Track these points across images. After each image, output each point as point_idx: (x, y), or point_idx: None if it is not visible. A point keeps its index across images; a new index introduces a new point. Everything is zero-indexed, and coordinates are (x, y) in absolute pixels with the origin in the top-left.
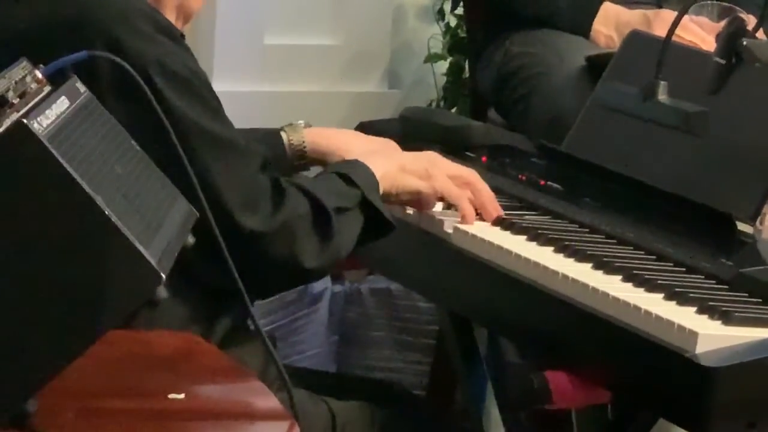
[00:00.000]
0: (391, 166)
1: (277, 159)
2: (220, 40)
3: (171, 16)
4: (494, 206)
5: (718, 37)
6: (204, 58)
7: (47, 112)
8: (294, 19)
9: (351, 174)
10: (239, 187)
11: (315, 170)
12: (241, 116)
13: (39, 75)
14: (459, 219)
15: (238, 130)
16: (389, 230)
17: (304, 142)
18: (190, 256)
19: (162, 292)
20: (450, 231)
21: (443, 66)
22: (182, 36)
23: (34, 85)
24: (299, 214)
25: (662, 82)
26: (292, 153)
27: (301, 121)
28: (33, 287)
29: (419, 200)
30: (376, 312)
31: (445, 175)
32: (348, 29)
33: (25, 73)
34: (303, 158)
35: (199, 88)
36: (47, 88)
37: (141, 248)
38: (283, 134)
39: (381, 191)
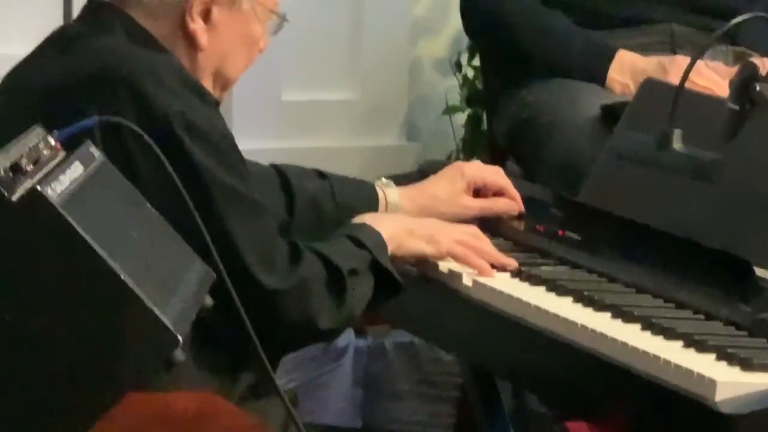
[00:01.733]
0: (398, 229)
1: (370, 203)
2: (238, 97)
3: (208, 83)
4: (501, 261)
5: (731, 82)
6: (222, 115)
7: (61, 177)
8: (311, 74)
9: (360, 236)
10: (258, 245)
11: None
12: None
13: (52, 141)
14: (477, 273)
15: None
16: (399, 290)
17: (399, 202)
18: (208, 315)
19: (179, 354)
20: (469, 284)
21: (461, 117)
22: (217, 103)
23: (47, 152)
24: (315, 275)
25: (676, 130)
26: (386, 206)
27: (386, 179)
28: (51, 351)
29: (425, 263)
30: (400, 366)
31: (450, 239)
32: (365, 83)
33: (39, 140)
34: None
35: (223, 146)
36: (61, 154)
37: (157, 311)
38: (379, 190)
39: (389, 251)
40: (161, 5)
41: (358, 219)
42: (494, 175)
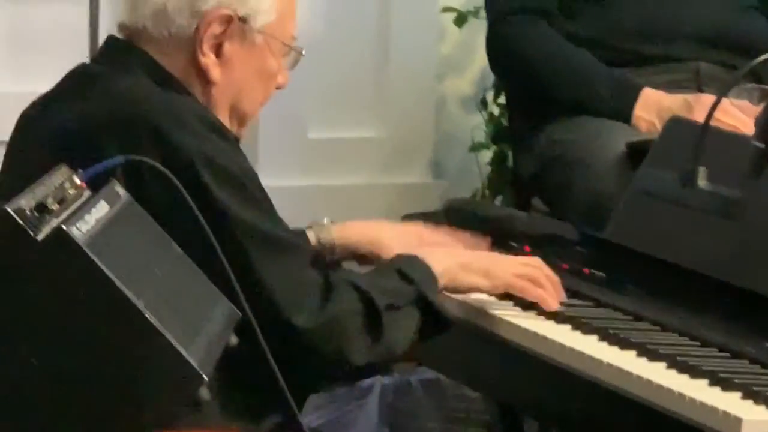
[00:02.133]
0: (452, 262)
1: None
2: (264, 135)
3: (224, 117)
4: (557, 296)
5: (757, 120)
6: (248, 153)
7: (86, 217)
8: (337, 112)
9: (407, 270)
10: (286, 284)
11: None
12: (286, 211)
13: (77, 181)
14: (504, 311)
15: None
16: (448, 326)
17: (333, 239)
18: (234, 355)
19: (204, 393)
20: (495, 323)
21: (487, 155)
22: (237, 140)
23: (72, 191)
24: (349, 310)
25: (701, 168)
26: (322, 251)
27: (325, 219)
28: (76, 390)
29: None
30: (427, 403)
31: (507, 273)
32: (391, 121)
33: (64, 179)
34: (332, 254)
35: (247, 185)
36: (87, 193)
37: (182, 350)
38: (309, 233)
39: (442, 286)
40: (173, 41)
41: (413, 251)
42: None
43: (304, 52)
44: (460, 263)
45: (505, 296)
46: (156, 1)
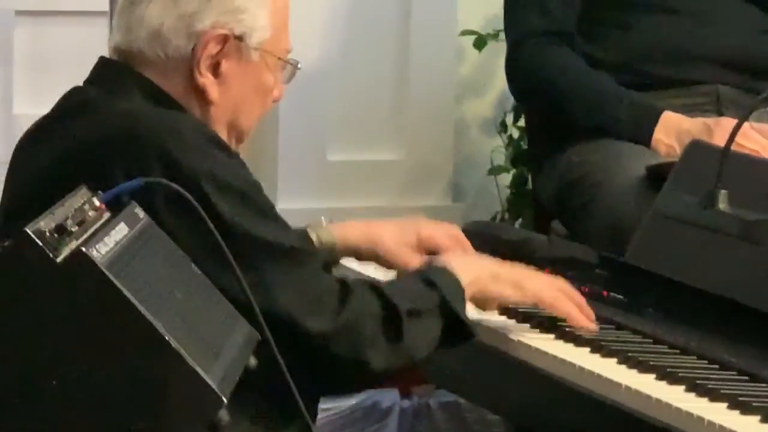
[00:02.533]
0: (482, 273)
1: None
2: (283, 157)
3: (222, 135)
4: (586, 318)
5: None
6: (268, 175)
7: (106, 239)
8: (356, 134)
9: (433, 277)
10: (300, 292)
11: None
12: None
13: (97, 202)
14: (523, 334)
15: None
16: (470, 336)
17: (334, 241)
18: (251, 374)
19: (224, 415)
20: (514, 345)
21: (506, 178)
22: (237, 154)
23: (92, 213)
24: (367, 313)
25: (722, 191)
26: (322, 250)
27: (322, 218)
28: (96, 411)
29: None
30: (445, 426)
31: (537, 285)
32: (410, 143)
33: (84, 201)
34: (332, 253)
35: (253, 198)
36: (106, 215)
37: (202, 372)
38: (310, 232)
39: (470, 295)
40: (169, 62)
41: (443, 260)
42: (449, 239)
43: (300, 66)
44: (490, 274)
45: (524, 319)
46: (151, 23)
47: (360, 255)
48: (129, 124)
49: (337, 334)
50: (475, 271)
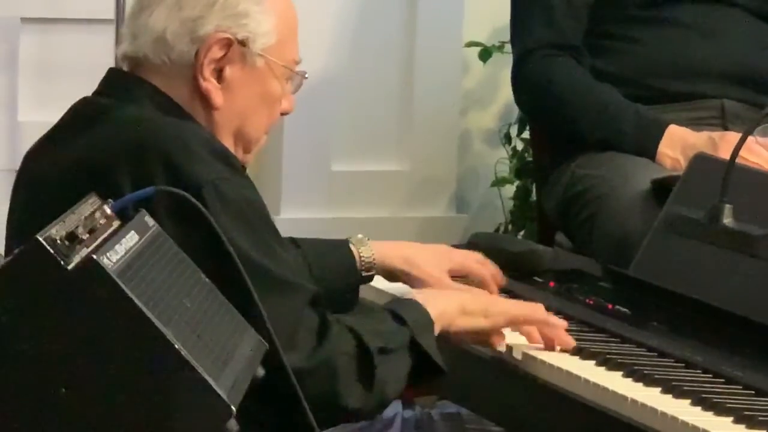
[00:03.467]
0: (450, 306)
1: (347, 270)
2: (287, 167)
3: (229, 143)
4: (563, 340)
5: None
6: (272, 185)
7: (116, 247)
8: (360, 145)
9: (403, 314)
10: (280, 324)
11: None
12: None
13: (108, 210)
14: (527, 345)
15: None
16: (440, 373)
17: (373, 255)
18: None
19: (233, 425)
20: (519, 357)
21: (510, 190)
22: (243, 168)
23: (103, 221)
24: (342, 352)
25: (727, 206)
26: (362, 265)
27: (360, 235)
28: (105, 420)
29: (483, 339)
30: None
31: (506, 313)
32: (414, 155)
33: (94, 209)
34: (370, 270)
35: (252, 218)
36: (116, 223)
37: (211, 381)
38: (353, 248)
39: (438, 329)
40: (174, 67)
41: (414, 293)
42: (479, 268)
43: (307, 76)
44: (458, 306)
45: None
46: (155, 29)
47: (393, 274)
48: (136, 133)
49: (313, 371)
50: (442, 304)
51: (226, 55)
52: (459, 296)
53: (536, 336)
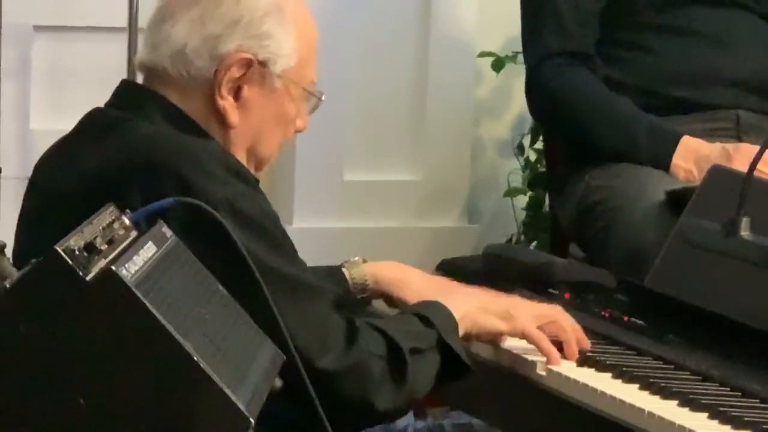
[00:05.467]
0: (472, 306)
1: (342, 295)
2: (299, 176)
3: (242, 160)
4: (579, 344)
5: None
6: (284, 195)
7: (135, 258)
8: (373, 155)
9: (429, 315)
10: (311, 328)
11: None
12: (321, 253)
13: (126, 221)
14: (541, 356)
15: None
16: (466, 372)
17: (365, 277)
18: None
19: None
20: (542, 373)
21: (523, 200)
22: (256, 181)
23: (121, 232)
24: (373, 354)
25: (744, 218)
26: (354, 288)
27: (357, 257)
28: (123, 431)
29: (501, 341)
30: None
31: (527, 315)
32: (427, 164)
33: (113, 219)
34: (364, 292)
35: (269, 230)
36: (134, 234)
37: (230, 393)
38: (344, 270)
39: (463, 330)
40: (191, 82)
41: (434, 296)
42: None
43: (323, 98)
44: (480, 306)
45: None
46: (175, 42)
47: (388, 295)
48: (148, 150)
49: (345, 374)
50: (465, 305)
51: (245, 74)
52: (479, 296)
53: (554, 358)
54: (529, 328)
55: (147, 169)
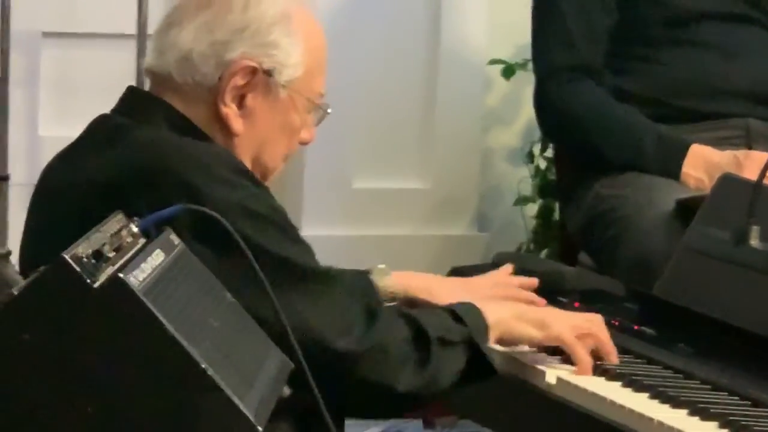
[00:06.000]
0: (507, 313)
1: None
2: (308, 184)
3: (247, 165)
4: (610, 358)
5: None
6: (293, 202)
7: (143, 265)
8: (382, 163)
9: (461, 313)
10: (329, 313)
11: None
12: (329, 260)
13: (134, 229)
14: (552, 366)
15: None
16: (491, 374)
17: (395, 285)
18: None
19: None
20: (552, 382)
21: (533, 208)
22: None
23: (129, 239)
24: (395, 337)
25: (754, 227)
26: (383, 297)
27: (383, 265)
28: None
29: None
30: None
31: (563, 324)
32: (436, 172)
33: (120, 227)
34: (393, 301)
35: (280, 223)
36: (142, 241)
37: (238, 402)
38: (374, 279)
39: (494, 337)
40: (196, 88)
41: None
42: (513, 292)
43: (330, 110)
44: (514, 314)
45: (554, 351)
46: (182, 48)
47: (415, 304)
48: (153, 157)
49: (366, 354)
50: (499, 311)
51: (249, 82)
52: (516, 304)
53: (586, 366)
54: (564, 336)
55: (151, 178)
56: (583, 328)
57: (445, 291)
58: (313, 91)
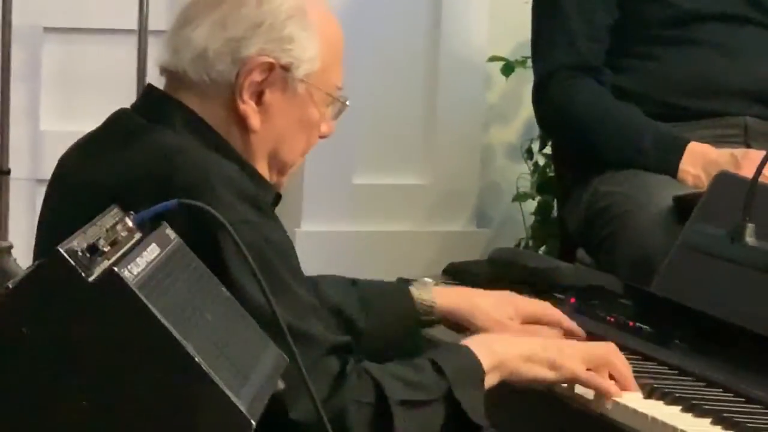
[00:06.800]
0: (515, 353)
1: (405, 313)
2: (309, 180)
3: (263, 165)
4: (628, 385)
5: None
6: (293, 198)
7: (138, 260)
8: (383, 159)
9: (443, 362)
10: (293, 377)
11: None
12: (329, 256)
13: (130, 223)
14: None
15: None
16: (478, 429)
17: (434, 299)
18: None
19: None
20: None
21: (532, 205)
22: (275, 202)
23: (125, 233)
24: (358, 402)
25: (750, 225)
26: (421, 308)
27: (429, 279)
28: None
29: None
30: None
31: (575, 360)
32: (436, 169)
33: (116, 221)
34: (431, 314)
35: (274, 266)
36: (137, 235)
37: (231, 395)
38: (413, 290)
39: (495, 380)
40: (213, 86)
41: (475, 338)
42: (547, 310)
43: (348, 102)
44: (523, 354)
45: None
46: (197, 46)
47: (456, 321)
48: (163, 166)
49: (319, 424)
50: (503, 352)
51: (267, 78)
52: (527, 343)
53: (610, 390)
54: (578, 373)
55: (158, 187)
56: (598, 357)
57: (487, 306)
58: (331, 85)
